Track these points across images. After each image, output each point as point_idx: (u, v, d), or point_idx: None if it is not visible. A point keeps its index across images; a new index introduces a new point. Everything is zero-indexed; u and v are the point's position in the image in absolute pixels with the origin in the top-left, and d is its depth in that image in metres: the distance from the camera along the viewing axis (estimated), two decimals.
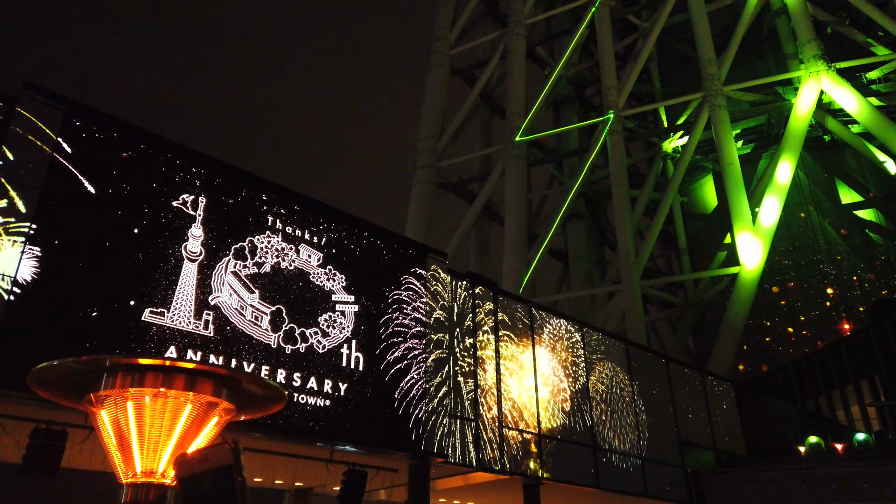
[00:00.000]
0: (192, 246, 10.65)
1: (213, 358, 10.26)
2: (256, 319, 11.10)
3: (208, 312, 10.48)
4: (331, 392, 11.49)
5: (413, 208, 39.50)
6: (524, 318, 16.31)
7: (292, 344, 11.35)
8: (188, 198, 10.86)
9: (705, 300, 36.26)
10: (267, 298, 11.32)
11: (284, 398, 3.70)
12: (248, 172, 11.90)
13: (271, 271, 11.58)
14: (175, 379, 3.22)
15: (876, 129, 32.69)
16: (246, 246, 11.42)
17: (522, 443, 14.75)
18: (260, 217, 11.78)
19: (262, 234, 11.69)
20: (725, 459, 20.15)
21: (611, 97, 36.97)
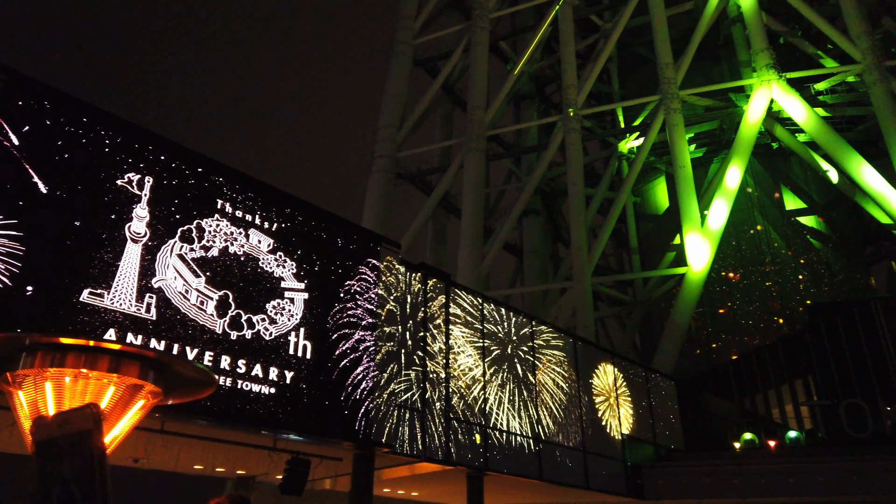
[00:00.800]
0: (136, 227, 10.38)
1: (154, 342, 10.05)
2: (202, 304, 10.90)
3: (151, 295, 10.25)
4: (277, 380, 11.38)
5: (370, 198, 39.28)
6: (476, 311, 16.43)
7: (238, 330, 11.19)
8: (134, 177, 10.57)
9: (653, 299, 37.13)
10: (213, 283, 11.13)
11: (214, 382, 3.66)
12: (197, 153, 11.64)
13: (219, 255, 11.38)
14: (98, 360, 3.15)
15: (821, 138, 33.92)
16: (193, 228, 11.19)
17: (469, 434, 14.90)
18: (209, 199, 11.54)
19: (210, 217, 11.47)
20: (665, 453, 20.75)
21: (570, 95, 37.39)
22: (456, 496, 17.52)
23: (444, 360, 14.98)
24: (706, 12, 38.10)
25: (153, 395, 3.35)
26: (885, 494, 18.02)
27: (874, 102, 33.87)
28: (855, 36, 35.08)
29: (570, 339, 19.36)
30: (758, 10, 37.00)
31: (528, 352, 17.62)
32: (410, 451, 13.38)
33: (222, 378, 10.60)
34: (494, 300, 17.45)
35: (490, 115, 38.97)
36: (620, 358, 21.30)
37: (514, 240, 47.66)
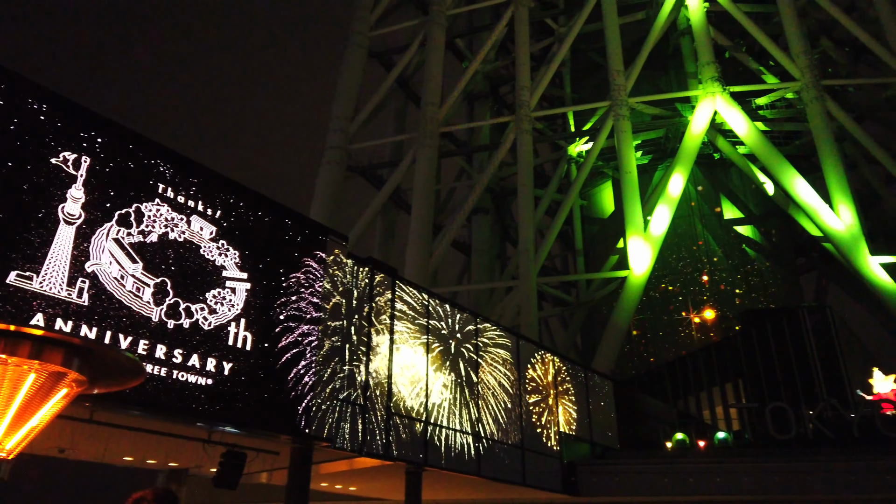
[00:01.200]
0: (70, 208, 9.97)
1: (85, 329, 9.68)
2: (138, 291, 10.56)
3: (84, 280, 9.86)
4: (214, 371, 11.13)
5: (319, 189, 38.80)
6: (422, 307, 16.45)
7: (176, 319, 10.89)
8: (70, 156, 10.14)
9: (595, 300, 37.94)
10: (151, 270, 10.79)
11: (143, 372, 3.56)
12: (139, 135, 11.25)
13: (158, 241, 11.04)
14: (19, 345, 3.01)
15: (760, 151, 35.28)
16: (132, 213, 10.82)
17: (409, 430, 14.91)
18: (149, 183, 11.18)
19: (150, 201, 11.11)
20: (600, 452, 21.25)
21: (523, 97, 37.80)
22: (394, 491, 17.54)
23: (388, 356, 14.94)
24: (657, 23, 39.08)
25: (78, 384, 3.23)
26: (805, 494, 18.93)
27: (810, 119, 35.43)
28: (795, 54, 36.60)
29: (513, 338, 19.59)
30: (706, 24, 38.18)
31: (471, 349, 17.75)
32: (350, 446, 13.31)
33: (157, 368, 10.31)
34: (441, 297, 17.50)
35: (444, 111, 39.02)
36: (561, 357, 21.69)
37: (463, 237, 47.88)
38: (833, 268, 43.93)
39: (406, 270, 33.80)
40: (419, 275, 33.33)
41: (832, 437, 19.87)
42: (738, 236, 41.04)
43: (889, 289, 31.21)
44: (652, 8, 41.25)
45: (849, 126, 35.24)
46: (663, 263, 38.44)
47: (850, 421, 20.09)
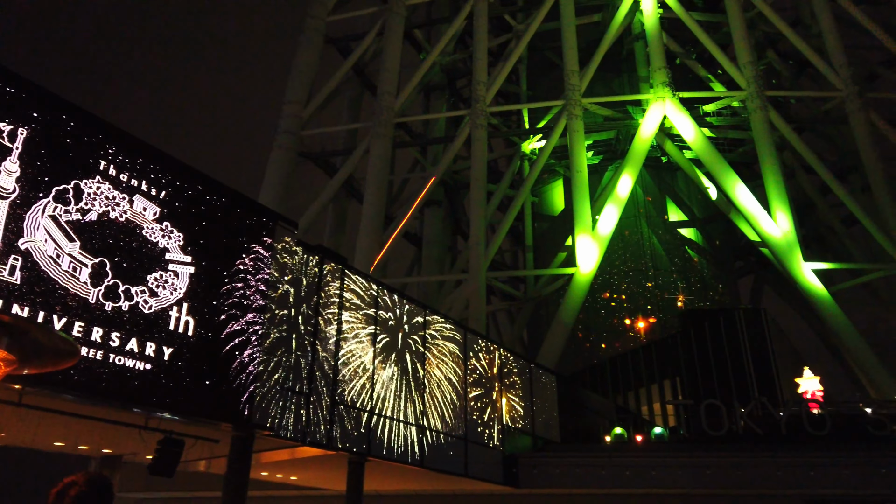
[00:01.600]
0: (4, 181, 9.52)
1: (17, 308, 9.27)
2: (74, 271, 10.17)
3: (16, 257, 9.43)
4: (153, 356, 10.82)
5: (270, 174, 38.14)
6: (371, 297, 16.37)
7: (114, 301, 10.53)
8: (5, 127, 9.66)
9: (542, 296, 38.50)
10: (89, 249, 10.39)
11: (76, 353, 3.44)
12: (82, 108, 10.79)
13: (97, 220, 10.64)
14: None
15: (705, 157, 36.38)
16: (70, 189, 10.39)
17: (354, 420, 14.84)
18: (91, 159, 10.75)
19: (91, 178, 10.69)
20: (541, 444, 21.63)
21: (480, 91, 37.93)
22: (336, 482, 17.46)
23: (334, 346, 14.83)
24: (612, 26, 39.76)
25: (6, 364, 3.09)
26: (735, 488, 19.74)
27: (753, 128, 36.71)
28: (742, 64, 37.83)
29: (461, 331, 19.70)
30: (659, 30, 39.06)
31: (419, 341, 17.78)
32: (292, 435, 13.17)
33: (92, 351, 9.96)
34: (390, 287, 17.45)
35: (400, 102, 38.83)
36: (507, 351, 21.94)
37: (415, 229, 47.85)
38: (769, 272, 45.78)
39: (356, 260, 33.57)
40: (369, 265, 33.17)
41: (761, 433, 20.73)
42: (681, 238, 42.27)
43: (820, 294, 32.69)
44: (608, 11, 41.94)
45: (789, 136, 36.65)
46: (609, 262, 39.25)
47: (778, 419, 20.99)
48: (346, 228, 44.51)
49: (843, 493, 19.77)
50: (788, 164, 41.28)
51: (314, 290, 14.69)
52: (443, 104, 49.22)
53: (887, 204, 34.43)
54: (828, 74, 38.04)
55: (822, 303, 32.61)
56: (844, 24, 41.08)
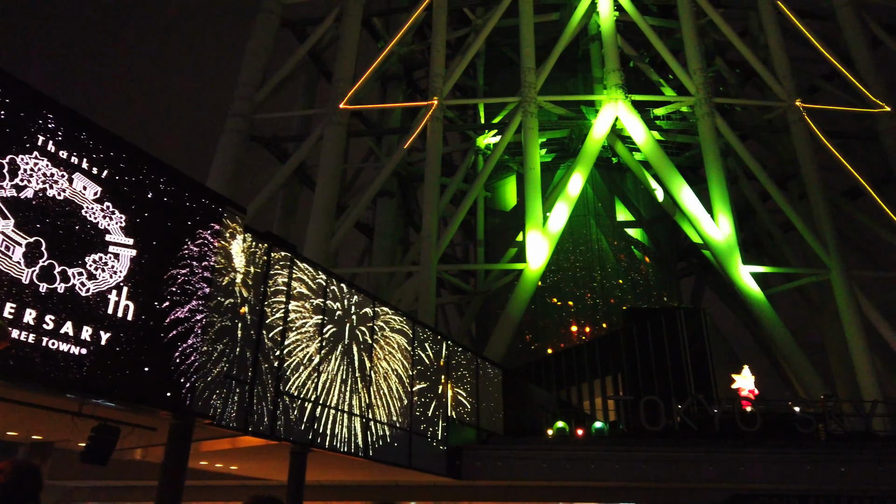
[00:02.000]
0: None
1: None
2: (7, 250, 9.73)
3: None
4: (90, 340, 10.46)
5: (219, 157, 37.26)
6: (319, 287, 16.21)
7: (49, 282, 10.13)
8: None
9: (492, 290, 38.84)
10: (24, 228, 9.96)
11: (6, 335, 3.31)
12: (19, 80, 10.32)
13: (34, 198, 10.20)
14: None
15: (654, 159, 37.28)
16: (5, 164, 9.93)
17: (298, 410, 14.70)
18: (28, 134, 10.29)
19: (28, 154, 10.24)
20: (485, 437, 21.88)
21: (437, 84, 37.87)
22: (278, 472, 17.27)
23: (280, 335, 14.63)
24: (569, 26, 40.24)
25: None
26: (670, 482, 20.41)
27: (700, 133, 37.80)
28: (692, 71, 38.86)
29: (410, 323, 19.72)
30: (614, 32, 39.74)
31: (367, 332, 17.72)
32: (234, 425, 12.96)
33: (24, 333, 9.57)
34: (339, 277, 17.32)
35: (356, 90, 38.42)
36: (455, 344, 22.08)
37: (367, 219, 47.54)
38: (709, 274, 47.31)
39: (306, 248, 33.17)
40: (319, 254, 32.80)
41: (696, 429, 21.48)
42: (628, 238, 43.23)
43: (756, 297, 33.98)
44: (566, 10, 42.41)
45: (733, 143, 37.87)
46: (557, 259, 39.84)
47: (712, 415, 21.78)
48: (297, 216, 43.88)
49: (771, 487, 20.69)
50: (732, 169, 42.66)
51: (261, 278, 14.46)
52: (399, 95, 48.93)
53: (822, 212, 35.99)
54: (772, 85, 39.44)
55: (758, 305, 33.90)
56: (790, 36, 42.64)
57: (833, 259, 34.65)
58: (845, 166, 38.49)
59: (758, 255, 44.86)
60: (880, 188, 39.18)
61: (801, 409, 22.90)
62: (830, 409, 22.08)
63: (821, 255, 35.10)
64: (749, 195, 43.47)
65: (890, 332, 36.10)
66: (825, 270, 34.97)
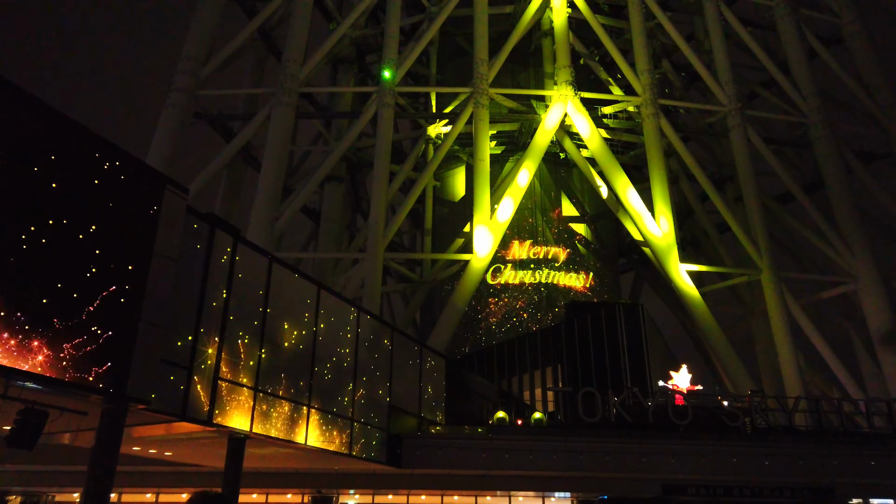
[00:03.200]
0: None
1: None
2: None
3: None
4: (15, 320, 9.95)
5: (160, 133, 35.94)
6: (262, 271, 15.87)
7: None
8: None
9: (438, 280, 38.95)
10: None
11: None
12: None
13: None
14: None
15: (600, 156, 38.02)
16: None
17: (236, 396, 14.40)
18: None
19: None
20: (426, 426, 21.97)
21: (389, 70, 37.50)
22: (215, 458, 16.91)
23: (220, 319, 14.27)
24: (523, 20, 40.48)
25: None
26: (605, 472, 21.00)
27: (645, 133, 38.76)
28: (640, 71, 39.75)
29: (354, 310, 19.56)
30: (567, 29, 40.21)
31: (310, 318, 17.48)
32: (170, 410, 12.59)
33: None
34: (284, 262, 16.99)
35: (306, 71, 37.68)
36: (399, 332, 22.04)
37: (314, 203, 46.84)
38: (648, 270, 48.72)
39: (249, 231, 32.45)
40: (263, 237, 32.17)
41: (631, 421, 22.13)
42: (572, 233, 44.00)
43: (691, 294, 35.21)
44: (520, 4, 42.62)
45: (676, 144, 39.01)
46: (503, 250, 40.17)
47: (646, 408, 22.48)
48: (241, 198, 42.87)
49: (700, 479, 21.56)
50: (673, 170, 43.96)
51: (202, 260, 14.05)
52: (350, 78, 48.27)
53: (756, 215, 37.53)
54: (714, 89, 40.74)
55: (693, 301, 35.15)
56: (733, 43, 44.10)
57: (764, 260, 36.21)
58: (779, 172, 40.20)
59: (694, 253, 46.46)
60: (811, 194, 41.12)
61: (729, 404, 23.89)
62: (756, 404, 23.11)
63: (753, 256, 36.61)
64: (688, 195, 44.88)
65: (814, 332, 38.05)
66: (756, 271, 36.52)
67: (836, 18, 45.96)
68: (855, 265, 37.72)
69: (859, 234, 38.23)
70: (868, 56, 44.82)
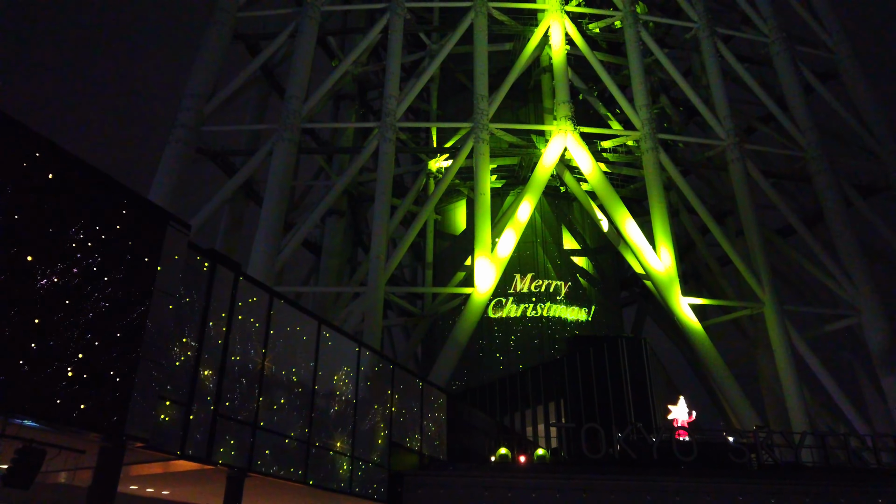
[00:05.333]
0: None
1: None
2: None
3: None
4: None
5: (163, 169, 36.24)
6: (262, 306, 15.84)
7: None
8: None
9: (439, 314, 38.78)
10: None
11: None
12: None
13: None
14: None
15: (600, 190, 38.21)
16: None
17: (236, 433, 14.24)
18: None
19: None
20: (428, 462, 21.66)
21: (390, 106, 37.98)
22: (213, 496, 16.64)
23: (220, 355, 14.19)
24: (522, 56, 41.10)
25: None
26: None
27: (645, 167, 39.00)
28: (638, 106, 40.19)
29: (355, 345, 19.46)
30: (565, 65, 40.80)
31: (310, 353, 17.38)
32: (168, 448, 12.45)
33: None
34: (284, 297, 16.97)
35: (308, 107, 38.16)
36: (400, 367, 21.88)
37: (315, 237, 46.98)
38: (650, 303, 48.54)
39: (251, 266, 32.46)
40: (264, 272, 32.17)
41: (635, 458, 21.80)
42: (574, 266, 43.98)
43: (694, 328, 35.01)
44: (519, 41, 43.35)
45: (676, 178, 39.22)
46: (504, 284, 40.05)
47: (651, 444, 22.16)
48: (242, 232, 43.00)
49: None
50: (674, 203, 44.13)
51: (203, 295, 14.04)
52: (352, 114, 48.85)
53: (757, 248, 37.53)
54: (712, 124, 41.14)
55: (696, 335, 34.92)
56: (730, 78, 44.71)
57: (767, 293, 36.08)
58: (779, 205, 40.34)
59: (696, 287, 46.33)
60: (811, 227, 41.20)
61: (734, 440, 23.54)
62: (762, 440, 22.78)
63: (755, 289, 36.49)
64: (689, 229, 44.98)
65: (819, 366, 37.71)
66: (759, 304, 36.36)
67: (831, 54, 46.67)
68: (858, 298, 37.60)
69: (861, 267, 38.18)
70: (864, 90, 45.38)
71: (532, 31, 41.96)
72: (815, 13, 47.87)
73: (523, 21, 43.53)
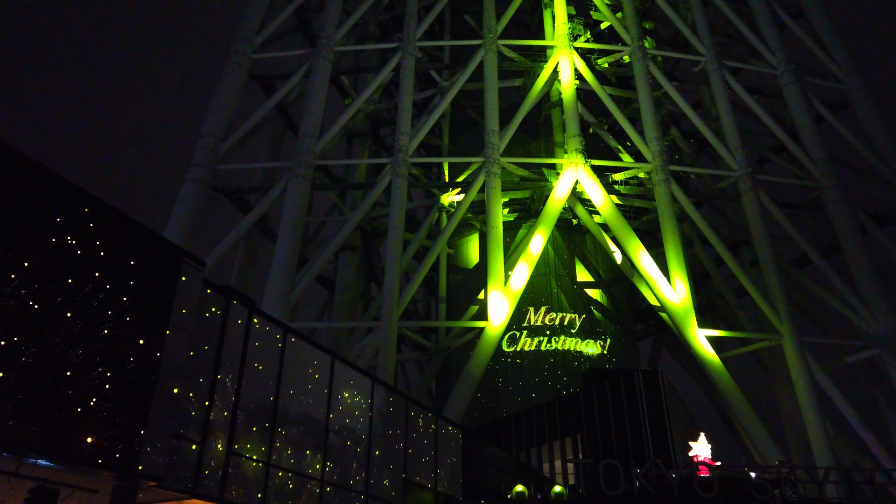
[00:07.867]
0: None
1: None
2: None
3: None
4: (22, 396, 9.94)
5: (179, 207, 36.75)
6: (276, 342, 15.84)
7: None
8: None
9: (453, 348, 38.57)
10: None
11: None
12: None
13: None
14: None
15: (612, 222, 38.19)
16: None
17: (251, 472, 14.13)
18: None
19: None
20: (443, 501, 21.29)
21: (403, 142, 38.46)
22: None
23: (233, 392, 14.16)
24: (532, 92, 41.60)
25: None
26: None
27: (657, 199, 38.99)
28: (649, 139, 40.38)
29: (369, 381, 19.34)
30: (575, 100, 41.23)
31: (324, 390, 17.29)
32: (183, 487, 12.36)
33: None
34: (298, 333, 16.98)
35: (322, 145, 38.72)
36: (414, 402, 21.69)
37: (328, 273, 47.15)
38: (666, 335, 47.99)
39: (265, 302, 32.59)
40: (278, 307, 32.26)
41: (654, 494, 21.30)
42: (588, 298, 43.71)
43: (712, 360, 34.50)
44: (529, 77, 43.94)
45: (688, 209, 39.13)
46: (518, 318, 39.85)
47: (671, 480, 21.67)
48: (256, 268, 43.27)
49: None
50: (687, 234, 43.94)
51: (217, 332, 14.08)
52: (365, 150, 49.47)
53: (773, 278, 37.13)
54: (724, 155, 41.17)
55: (714, 368, 34.40)
56: (741, 110, 44.87)
57: (784, 325, 35.57)
58: (794, 235, 40.02)
59: (713, 318, 45.79)
60: (828, 257, 40.76)
61: (756, 475, 22.97)
62: (785, 475, 22.22)
63: (773, 320, 36.00)
64: (703, 260, 44.66)
65: (841, 398, 36.92)
66: (777, 336, 35.82)
67: (841, 84, 46.76)
68: (878, 329, 36.96)
69: (880, 297, 37.61)
70: (875, 120, 45.31)
71: (541, 67, 42.55)
72: (823, 44, 48.12)
73: (532, 57, 44.19)
